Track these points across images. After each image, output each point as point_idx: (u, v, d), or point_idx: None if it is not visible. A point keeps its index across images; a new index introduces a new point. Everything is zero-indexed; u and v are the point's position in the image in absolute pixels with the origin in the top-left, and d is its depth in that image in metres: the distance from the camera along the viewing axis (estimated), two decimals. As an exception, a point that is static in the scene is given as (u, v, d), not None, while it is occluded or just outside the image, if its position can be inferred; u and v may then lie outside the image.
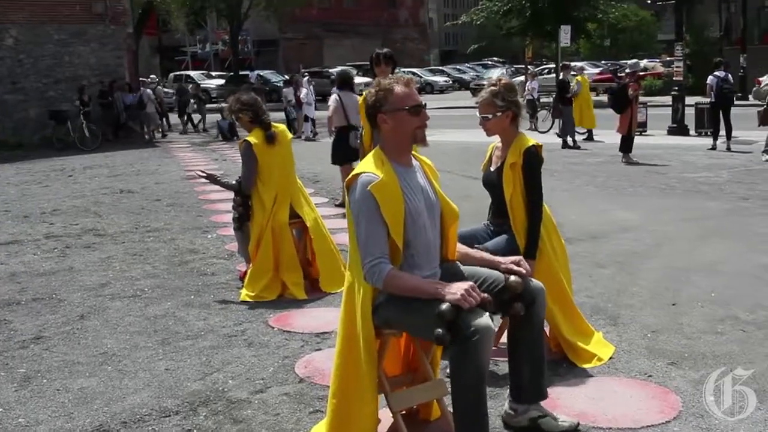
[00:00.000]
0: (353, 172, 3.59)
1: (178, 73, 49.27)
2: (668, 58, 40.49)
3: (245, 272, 6.75)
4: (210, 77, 48.75)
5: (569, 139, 17.96)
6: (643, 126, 19.53)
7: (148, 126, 25.85)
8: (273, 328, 5.65)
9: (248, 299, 6.35)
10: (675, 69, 21.58)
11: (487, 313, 3.33)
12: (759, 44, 36.76)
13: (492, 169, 4.86)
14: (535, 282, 3.75)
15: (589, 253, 7.43)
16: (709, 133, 18.53)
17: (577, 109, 18.80)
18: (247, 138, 6.65)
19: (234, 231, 7.01)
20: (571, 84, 18.68)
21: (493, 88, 4.69)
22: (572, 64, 27.55)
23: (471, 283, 3.35)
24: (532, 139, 4.72)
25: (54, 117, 23.40)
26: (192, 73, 49.00)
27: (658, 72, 40.21)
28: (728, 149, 16.21)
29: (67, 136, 22.55)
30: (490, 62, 62.65)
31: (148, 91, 25.81)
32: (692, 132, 19.86)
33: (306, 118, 23.63)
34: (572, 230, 8.16)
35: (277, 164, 6.61)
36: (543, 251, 4.66)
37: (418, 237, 3.58)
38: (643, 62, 38.51)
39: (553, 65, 38.00)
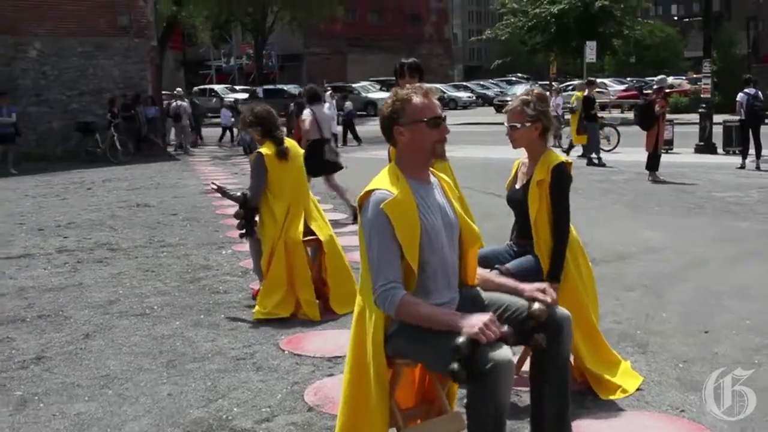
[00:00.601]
0: (366, 189, 3.34)
1: (201, 87, 49.38)
2: (694, 76, 40.11)
3: (258, 291, 6.51)
4: (234, 91, 48.78)
5: (594, 156, 17.63)
6: (669, 144, 19.18)
7: (182, 138, 25.90)
8: (283, 351, 5.39)
9: (260, 316, 6.12)
10: (703, 86, 21.20)
11: (507, 346, 3.07)
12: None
13: (517, 186, 4.60)
14: (561, 310, 3.48)
15: (616, 275, 7.13)
16: (737, 152, 18.19)
17: (574, 125, 18.84)
18: (259, 150, 6.44)
19: (249, 248, 6.80)
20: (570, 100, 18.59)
21: (525, 96, 4.46)
22: (598, 80, 27.19)
23: (491, 314, 3.08)
24: (562, 155, 4.46)
25: (81, 129, 23.40)
26: (216, 87, 49.08)
27: (684, 89, 39.74)
28: (757, 168, 15.83)
29: (95, 148, 22.49)
30: (514, 78, 62.37)
31: (184, 104, 25.90)
32: (720, 150, 19.49)
33: (328, 133, 23.43)
34: (598, 250, 7.86)
35: (289, 179, 6.40)
36: (568, 274, 4.38)
37: (434, 259, 3.33)
38: (670, 79, 38.07)
39: (578, 81, 37.68)
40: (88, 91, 24.89)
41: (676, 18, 35.68)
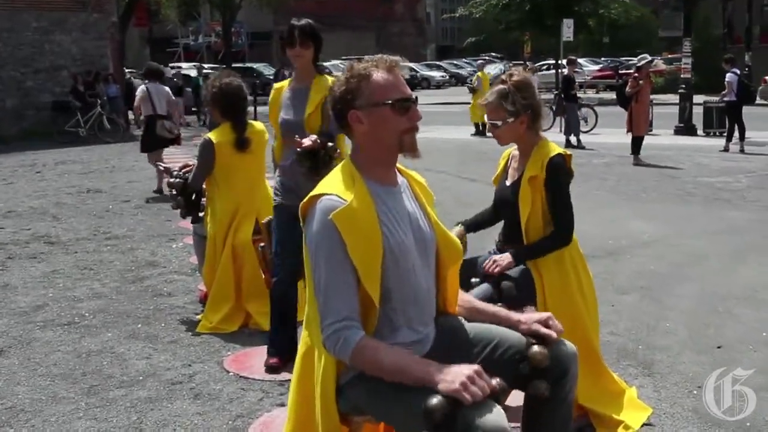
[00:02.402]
0: (311, 193, 2.54)
1: (174, 64, 48.02)
2: (669, 56, 39.52)
3: (206, 294, 5.69)
4: (201, 69, 47.43)
5: (573, 138, 16.91)
6: (648, 125, 18.53)
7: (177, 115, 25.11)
8: (228, 372, 4.59)
9: (205, 331, 5.31)
10: (683, 66, 20.47)
11: (499, 407, 2.30)
12: (759, 44, 35.83)
13: (507, 183, 3.81)
14: (567, 347, 2.72)
15: (607, 274, 6.39)
16: (718, 134, 17.64)
17: (474, 106, 19.38)
18: (209, 135, 5.50)
19: (194, 246, 6.01)
20: (471, 79, 18.27)
21: (501, 87, 3.63)
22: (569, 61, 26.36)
23: (476, 367, 2.30)
24: (558, 146, 3.68)
25: (58, 108, 22.34)
26: (183, 65, 47.68)
27: (660, 69, 39.14)
28: (742, 151, 15.20)
29: (77, 128, 21.40)
30: (487, 57, 61.53)
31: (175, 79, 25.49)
32: (700, 132, 18.88)
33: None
34: (585, 245, 6.98)
35: (244, 173, 5.39)
36: (572, 296, 3.63)
37: (402, 285, 2.55)
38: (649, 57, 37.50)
39: (552, 61, 36.96)
40: (44, 68, 23.72)
41: (651, -3, 34.95)
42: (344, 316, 2.40)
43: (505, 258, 3.61)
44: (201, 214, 5.64)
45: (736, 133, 15.52)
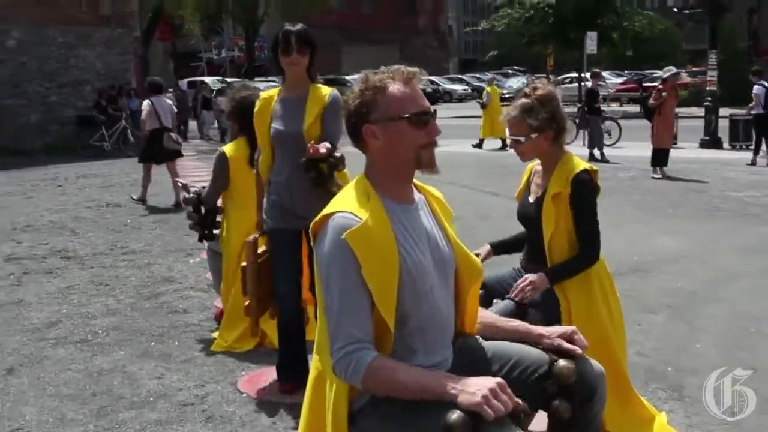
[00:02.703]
0: (323, 212, 2.40)
1: (191, 79, 48.32)
2: (693, 69, 39.15)
3: (222, 311, 5.57)
4: (224, 83, 47.67)
5: (597, 152, 16.68)
6: (672, 138, 18.29)
7: (204, 128, 25.79)
8: (241, 393, 4.46)
9: (219, 350, 5.19)
10: (708, 78, 20.20)
11: (521, 429, 2.16)
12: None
13: (530, 199, 3.64)
14: (594, 366, 2.58)
15: (634, 292, 6.20)
16: (744, 147, 17.38)
17: (488, 120, 19.57)
18: (224, 148, 5.41)
19: (207, 262, 5.90)
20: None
21: (524, 100, 3.47)
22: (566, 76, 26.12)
23: (499, 379, 2.16)
24: (583, 161, 3.52)
25: (82, 123, 22.44)
26: (207, 79, 47.96)
27: (685, 82, 38.79)
28: (769, 165, 14.93)
29: (101, 142, 21.49)
30: (510, 71, 61.37)
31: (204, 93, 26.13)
32: (726, 145, 18.61)
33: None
34: (610, 261, 6.85)
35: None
36: (598, 318, 3.45)
37: (420, 308, 2.40)
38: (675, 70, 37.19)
39: (575, 74, 36.73)
40: (68, 83, 23.90)
41: (675, 10, 34.36)
42: (357, 338, 2.24)
43: (542, 280, 3.43)
44: (216, 232, 5.53)
45: (764, 146, 15.27)
